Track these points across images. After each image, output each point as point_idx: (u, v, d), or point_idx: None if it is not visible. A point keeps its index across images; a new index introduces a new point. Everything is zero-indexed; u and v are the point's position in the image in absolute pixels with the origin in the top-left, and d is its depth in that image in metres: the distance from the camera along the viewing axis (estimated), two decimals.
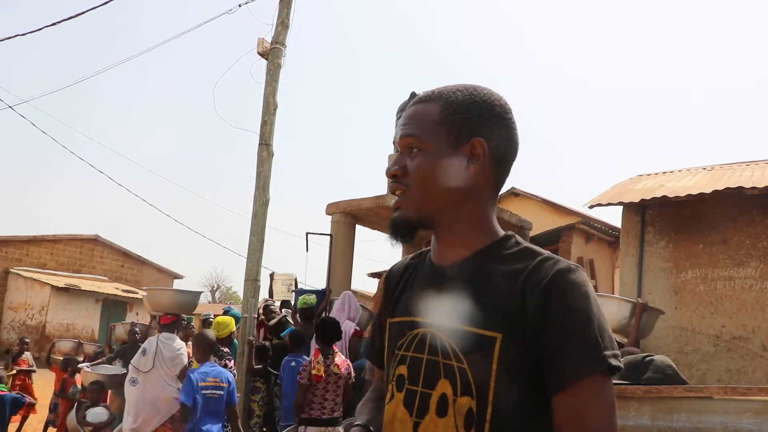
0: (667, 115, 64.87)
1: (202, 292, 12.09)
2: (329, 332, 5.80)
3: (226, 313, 7.25)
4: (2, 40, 10.53)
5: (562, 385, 1.13)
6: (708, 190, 7.61)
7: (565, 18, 67.06)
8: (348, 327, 7.15)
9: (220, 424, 5.17)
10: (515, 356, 1.16)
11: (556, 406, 1.15)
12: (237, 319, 7.62)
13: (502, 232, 1.31)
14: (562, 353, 1.13)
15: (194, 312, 7.40)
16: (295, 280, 9.77)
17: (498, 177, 1.31)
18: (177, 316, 6.57)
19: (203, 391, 5.15)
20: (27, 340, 11.39)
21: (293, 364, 6.18)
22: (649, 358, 2.91)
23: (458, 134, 1.27)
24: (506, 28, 69.89)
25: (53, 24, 10.28)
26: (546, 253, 1.23)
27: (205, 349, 5.38)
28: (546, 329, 1.14)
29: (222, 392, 5.20)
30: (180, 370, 5.82)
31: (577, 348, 1.13)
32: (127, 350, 8.49)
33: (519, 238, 1.30)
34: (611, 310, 5.75)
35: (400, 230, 1.32)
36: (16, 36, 10.42)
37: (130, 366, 6.16)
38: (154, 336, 6.27)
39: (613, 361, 1.12)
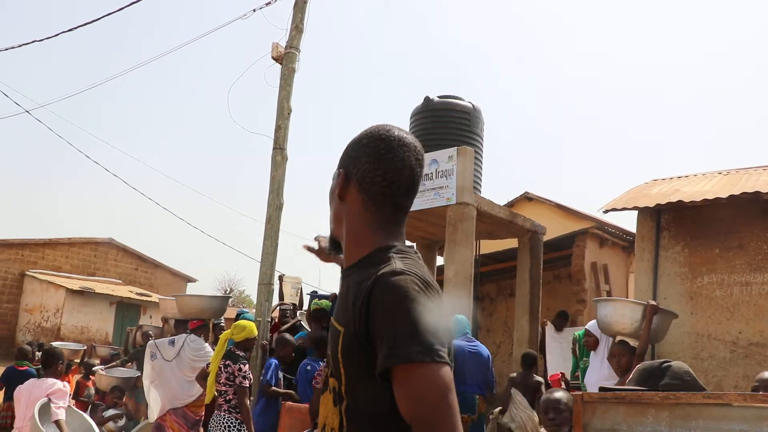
0: (683, 117, 64.47)
1: (230, 297, 12.14)
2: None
3: (238, 316, 7.28)
4: (21, 46, 10.64)
5: (380, 371, 1.32)
6: (724, 195, 7.55)
7: (578, 19, 66.88)
8: None
9: None
10: (351, 345, 1.39)
11: None
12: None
13: (379, 245, 1.50)
14: (380, 345, 1.32)
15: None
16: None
17: (372, 199, 1.52)
18: (204, 321, 6.70)
19: None
20: (42, 342, 11.45)
21: (308, 368, 6.16)
22: (666, 364, 2.88)
23: (346, 167, 1.57)
24: (519, 30, 69.86)
25: (70, 30, 10.40)
26: (392, 263, 1.41)
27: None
28: (369, 325, 1.35)
29: None
30: (199, 372, 5.92)
31: (387, 342, 1.30)
32: (140, 353, 8.58)
33: (395, 251, 1.47)
34: (623, 313, 5.69)
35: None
36: (33, 42, 10.53)
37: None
38: (184, 335, 6.46)
39: (417, 357, 1.27)
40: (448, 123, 9.52)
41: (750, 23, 58.56)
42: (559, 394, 3.24)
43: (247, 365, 5.54)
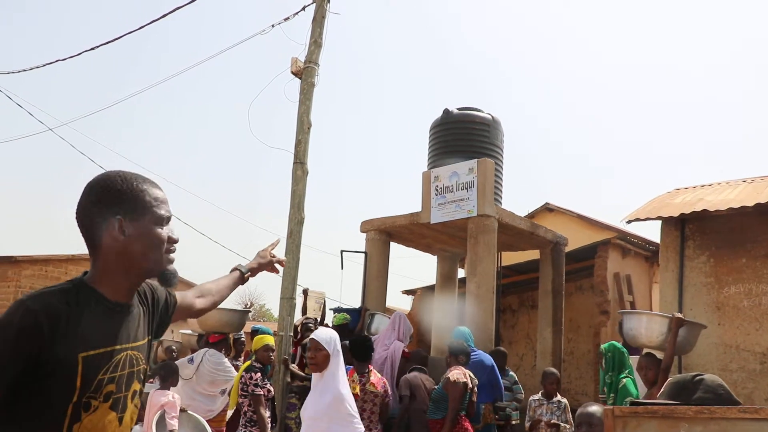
0: (705, 125, 63.85)
1: (249, 311, 12.21)
2: (362, 350, 5.78)
3: (255, 332, 7.31)
4: (45, 65, 10.80)
5: None
6: (750, 203, 7.44)
7: (595, 28, 66.68)
8: (397, 347, 7.12)
9: None
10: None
11: None
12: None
13: None
14: None
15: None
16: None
17: None
18: (225, 335, 6.74)
19: None
20: None
21: None
22: (698, 377, 2.81)
23: None
24: (536, 41, 69.69)
25: (92, 48, 10.52)
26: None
27: None
28: None
29: None
30: (226, 387, 6.01)
31: None
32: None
33: None
34: (650, 326, 5.60)
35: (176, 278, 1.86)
36: (57, 61, 10.68)
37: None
38: (203, 350, 6.51)
39: None
40: (468, 135, 9.51)
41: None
42: (594, 408, 3.19)
43: (258, 373, 5.56)
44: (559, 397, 6.60)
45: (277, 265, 2.67)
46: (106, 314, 1.75)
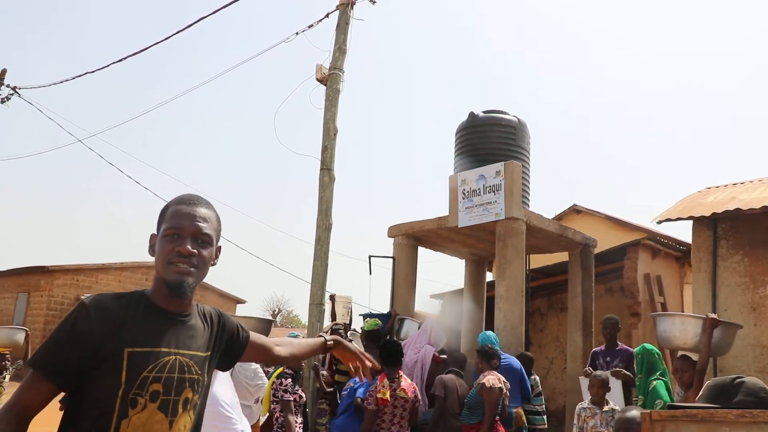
0: (736, 122, 62.79)
1: (273, 320, 12.31)
2: (393, 355, 5.77)
3: None
4: (74, 78, 11.00)
5: None
6: None
7: (624, 25, 65.96)
8: (427, 351, 7.10)
9: None
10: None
11: None
12: None
13: None
14: None
15: None
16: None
17: None
18: None
19: None
20: None
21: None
22: (738, 380, 2.75)
23: (218, 240, 2.02)
24: (565, 40, 69.23)
25: (119, 60, 10.72)
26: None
27: None
28: None
29: None
30: (260, 395, 6.04)
31: None
32: None
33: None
34: (684, 328, 5.51)
35: (187, 292, 1.90)
36: (86, 74, 10.87)
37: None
38: None
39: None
40: (494, 138, 9.47)
41: None
42: (633, 413, 3.16)
43: (289, 379, 5.58)
44: (612, 404, 5.90)
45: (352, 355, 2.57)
46: (154, 319, 1.87)
